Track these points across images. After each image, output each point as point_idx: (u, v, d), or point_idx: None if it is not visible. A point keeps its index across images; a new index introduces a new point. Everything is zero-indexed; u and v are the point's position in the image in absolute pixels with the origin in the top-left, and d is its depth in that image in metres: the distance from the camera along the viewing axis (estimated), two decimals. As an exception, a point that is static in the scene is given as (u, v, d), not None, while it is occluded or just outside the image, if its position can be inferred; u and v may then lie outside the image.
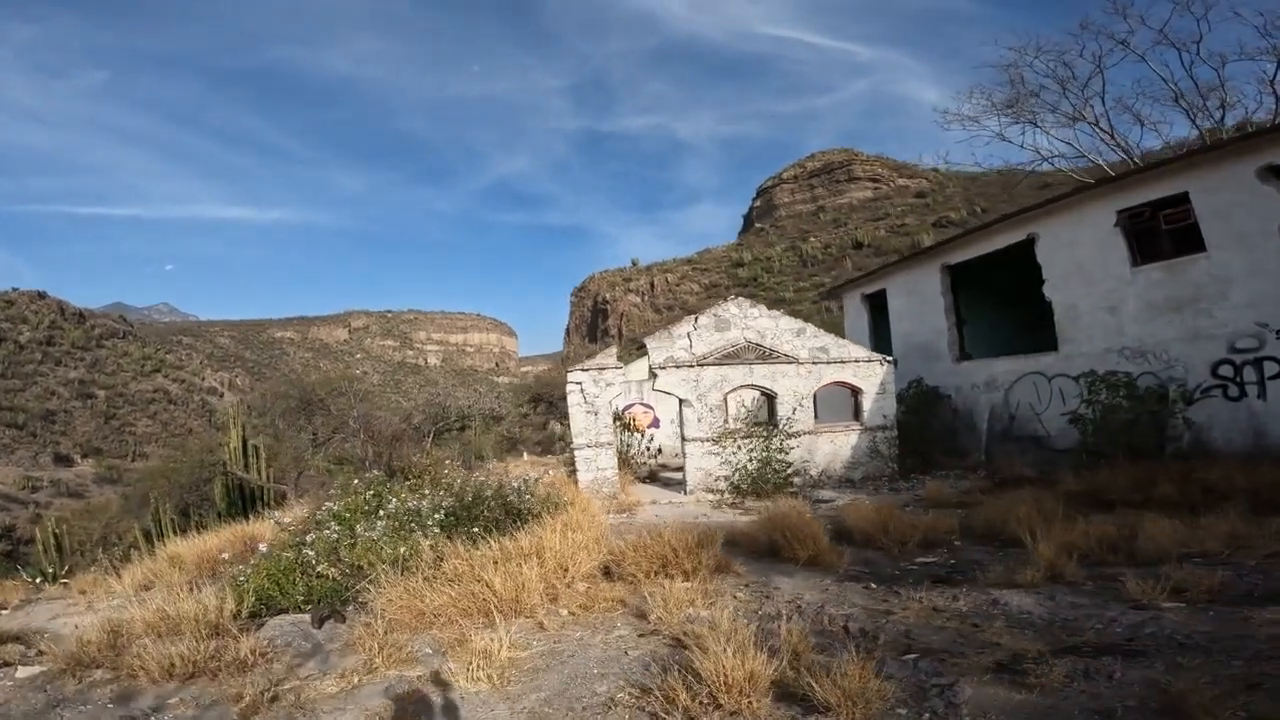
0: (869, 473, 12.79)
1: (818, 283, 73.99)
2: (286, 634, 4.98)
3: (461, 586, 5.19)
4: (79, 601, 8.29)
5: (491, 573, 5.31)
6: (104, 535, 29.77)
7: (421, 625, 4.98)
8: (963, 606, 4.79)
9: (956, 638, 4.19)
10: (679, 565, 6.15)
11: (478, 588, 5.18)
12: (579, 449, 11.89)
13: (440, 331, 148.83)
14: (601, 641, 4.66)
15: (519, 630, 4.87)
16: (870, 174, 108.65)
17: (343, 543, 6.33)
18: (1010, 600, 4.81)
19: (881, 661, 3.70)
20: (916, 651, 3.98)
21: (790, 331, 12.73)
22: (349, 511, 7.45)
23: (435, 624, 4.96)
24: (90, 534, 29.28)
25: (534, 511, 7.65)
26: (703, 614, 5.23)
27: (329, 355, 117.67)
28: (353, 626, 5.08)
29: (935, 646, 4.03)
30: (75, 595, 9.03)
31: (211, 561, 8.59)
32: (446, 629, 4.88)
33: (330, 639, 5.01)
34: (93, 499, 55.30)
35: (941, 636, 4.24)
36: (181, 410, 78.63)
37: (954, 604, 4.85)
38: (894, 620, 4.63)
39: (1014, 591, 5.01)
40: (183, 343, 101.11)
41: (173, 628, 5.07)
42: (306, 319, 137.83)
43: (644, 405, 19.57)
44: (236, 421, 20.17)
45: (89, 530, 30.15)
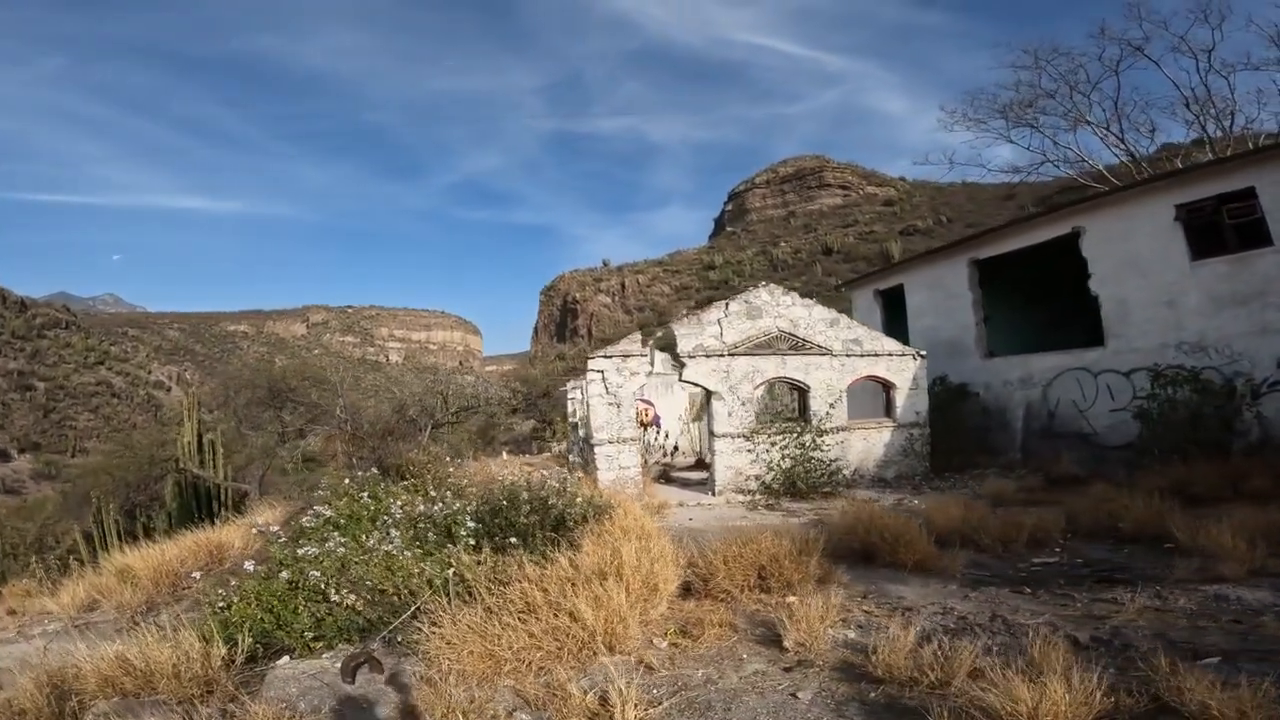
0: (902, 471, 12.07)
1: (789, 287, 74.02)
2: (306, 689, 3.65)
3: (541, 618, 3.98)
4: (7, 625, 6.93)
5: (573, 597, 4.19)
6: (39, 537, 27.20)
7: (494, 672, 3.72)
8: (1187, 604, 4.00)
9: (1232, 637, 3.40)
10: (780, 576, 5.19)
11: (560, 619, 4.00)
12: (599, 445, 10.82)
13: (403, 328, 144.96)
14: (741, 682, 3.63)
15: (618, 671, 3.83)
16: (840, 181, 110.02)
17: (351, 558, 5.00)
18: (1240, 595, 4.05)
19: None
20: (1211, 656, 3.16)
21: (824, 322, 11.92)
22: (347, 517, 6.22)
23: (513, 670, 3.74)
24: (24, 535, 26.74)
25: (578, 517, 6.54)
26: (849, 634, 4.31)
27: (285, 350, 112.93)
28: (399, 676, 3.78)
29: (1225, 648, 3.22)
30: (3, 615, 7.67)
31: (172, 576, 7.24)
32: (526, 676, 3.67)
33: (373, 698, 3.63)
34: (30, 496, 51.69)
35: (1212, 638, 3.44)
36: (125, 404, 74.15)
37: (1174, 603, 4.05)
38: (1115, 625, 3.82)
39: (1229, 586, 4.26)
40: (129, 334, 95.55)
41: (143, 682, 3.70)
42: (262, 313, 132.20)
43: (644, 401, 18.60)
44: (191, 413, 18.45)
45: (22, 532, 27.57)
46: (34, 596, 8.96)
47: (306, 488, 14.24)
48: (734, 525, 8.53)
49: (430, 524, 6.16)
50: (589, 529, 6.12)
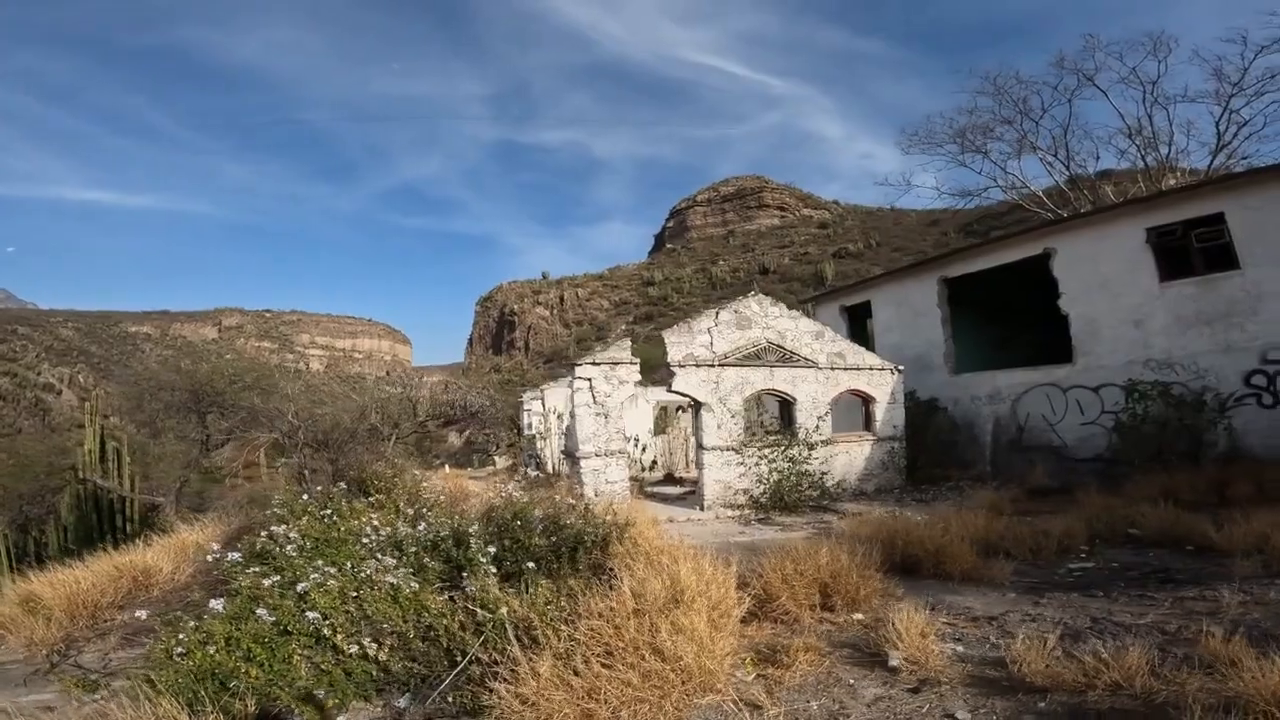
0: (882, 484, 12.11)
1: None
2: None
3: (626, 661, 3.34)
4: None
5: (652, 633, 3.61)
6: None
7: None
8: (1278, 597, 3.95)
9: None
10: (845, 593, 4.85)
11: (647, 660, 3.37)
12: (585, 458, 10.26)
13: (326, 335, 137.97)
14: (873, 711, 3.23)
15: (723, 715, 3.36)
16: (779, 202, 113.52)
17: (349, 592, 4.03)
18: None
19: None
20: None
21: (809, 334, 11.86)
22: (316, 540, 5.24)
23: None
24: None
25: (597, 538, 5.90)
26: (956, 648, 4.02)
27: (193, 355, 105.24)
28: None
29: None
30: None
31: (90, 607, 6.14)
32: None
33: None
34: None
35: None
36: (11, 407, 66.84)
37: (1265, 596, 4.01)
38: (1232, 618, 3.75)
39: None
40: (18, 332, 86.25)
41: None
42: (169, 314, 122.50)
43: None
44: (94, 418, 16.56)
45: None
46: None
47: (247, 503, 12.86)
48: (735, 542, 8.19)
49: (420, 547, 5.29)
50: (615, 550, 5.61)
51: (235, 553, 4.83)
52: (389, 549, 4.99)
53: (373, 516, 6.07)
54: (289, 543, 5.02)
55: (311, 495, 6.70)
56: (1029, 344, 15.02)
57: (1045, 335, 14.82)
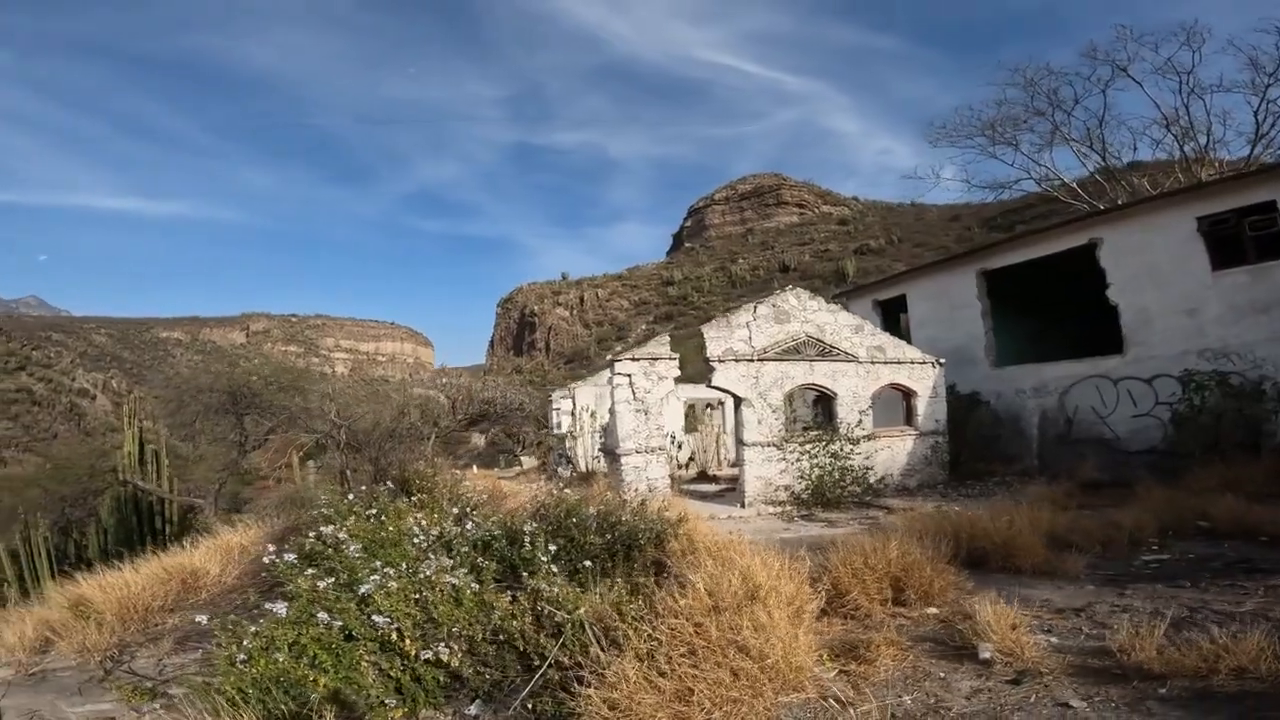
0: (925, 480, 11.91)
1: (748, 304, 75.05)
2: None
3: (712, 659, 3.24)
4: None
5: (733, 631, 3.44)
6: None
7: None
8: None
9: None
10: (919, 587, 4.74)
11: (734, 658, 3.28)
12: (625, 455, 10.22)
13: (350, 339, 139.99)
14: (975, 703, 3.16)
15: (815, 712, 3.28)
16: (797, 199, 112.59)
17: (411, 594, 3.81)
18: None
19: None
20: None
21: (849, 328, 11.70)
22: (369, 540, 5.04)
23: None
24: None
25: (651, 535, 5.78)
26: (1049, 639, 3.92)
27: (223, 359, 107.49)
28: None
29: None
30: None
31: (141, 611, 5.99)
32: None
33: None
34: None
35: None
36: (47, 412, 68.69)
37: None
38: None
39: None
40: (52, 339, 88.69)
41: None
42: (198, 319, 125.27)
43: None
44: (133, 421, 16.81)
45: (-68, 549, 24.73)
46: None
47: (286, 504, 12.94)
48: (782, 538, 8.06)
49: (471, 546, 5.04)
50: (672, 548, 5.53)
51: (289, 554, 4.64)
52: (439, 549, 4.87)
53: (418, 516, 5.93)
54: (341, 544, 4.80)
55: (356, 495, 6.64)
56: (1068, 336, 14.73)
57: (1083, 327, 14.54)
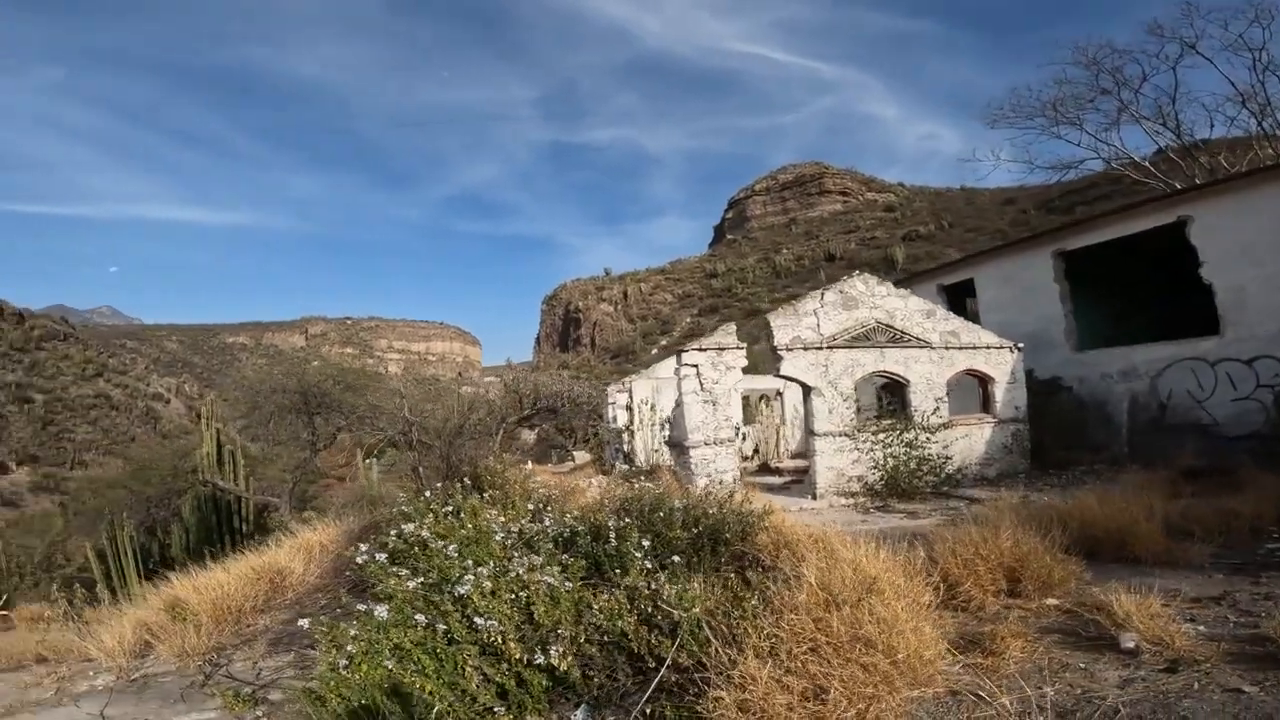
0: (1004, 469, 11.44)
1: (793, 294, 73.93)
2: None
3: (838, 656, 3.08)
4: (39, 676, 5.26)
5: (857, 623, 3.36)
6: (48, 555, 25.95)
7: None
8: None
9: None
10: (1036, 577, 4.52)
11: (863, 654, 3.10)
12: (694, 447, 10.12)
13: (402, 340, 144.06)
14: (1130, 691, 2.95)
15: (941, 708, 3.13)
16: (840, 187, 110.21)
17: (502, 593, 3.59)
18: None
19: None
20: None
21: (920, 313, 11.31)
22: (462, 540, 4.65)
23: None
24: (31, 554, 25.46)
25: (740, 528, 5.61)
26: (1197, 628, 3.69)
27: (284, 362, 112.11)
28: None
29: None
30: (32, 665, 5.94)
31: (234, 612, 5.93)
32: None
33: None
34: (28, 509, 50.43)
35: None
36: (124, 417, 72.65)
37: None
38: None
39: None
40: (127, 346, 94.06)
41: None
42: (261, 324, 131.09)
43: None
44: (210, 423, 17.47)
45: (28, 549, 26.29)
46: (57, 627, 7.54)
47: (358, 501, 13.24)
48: (861, 530, 7.82)
49: (553, 543, 5.01)
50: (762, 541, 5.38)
51: (379, 554, 4.32)
52: (520, 546, 4.61)
53: (495, 513, 5.98)
54: (425, 542, 4.61)
55: (431, 492, 6.57)
56: (1151, 317, 13.98)
57: (1167, 307, 13.77)
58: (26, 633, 8.75)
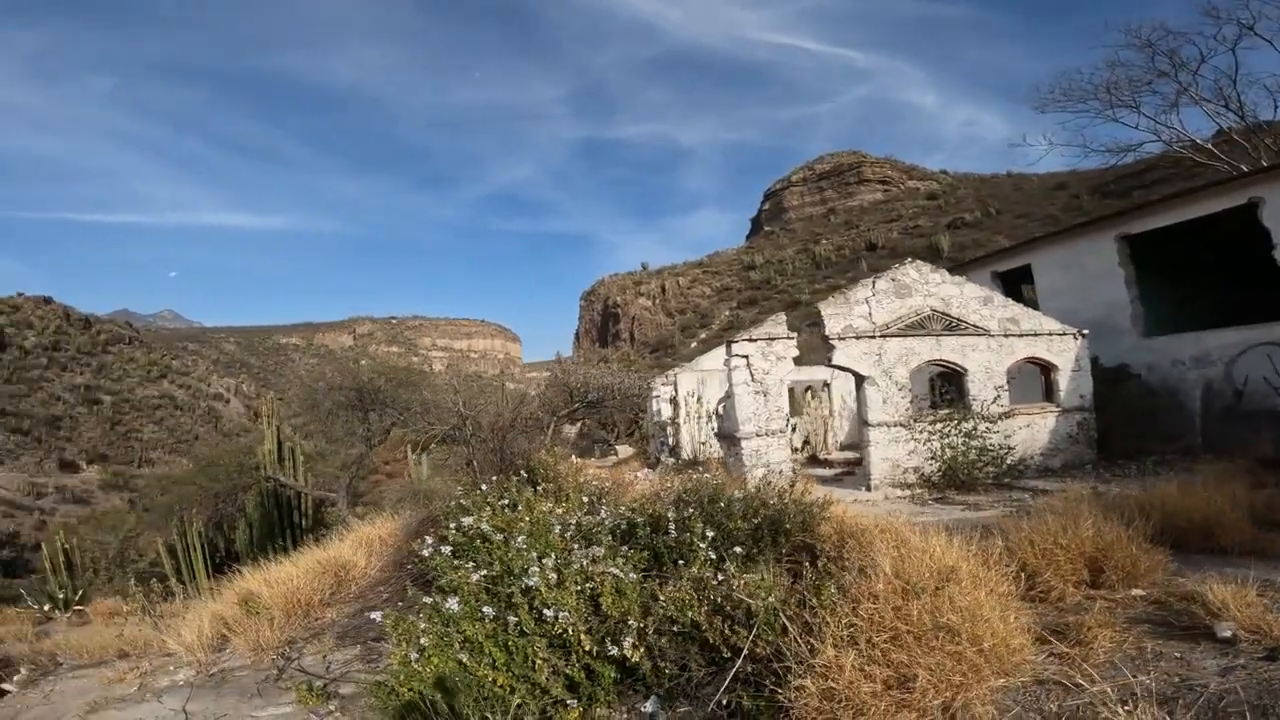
0: (1069, 460, 11.07)
1: (834, 285, 72.57)
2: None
3: (927, 645, 3.02)
4: (122, 672, 5.31)
5: (937, 611, 3.19)
6: (121, 551, 27.08)
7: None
8: None
9: None
10: (1120, 567, 4.38)
11: (943, 642, 3.04)
12: (745, 439, 10.08)
13: (445, 338, 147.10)
14: (1233, 680, 2.87)
15: (1028, 696, 3.06)
16: (880, 176, 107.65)
17: (569, 585, 3.57)
18: None
19: None
20: None
21: (976, 299, 11.02)
22: (528, 533, 4.62)
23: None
24: (105, 549, 26.58)
25: (800, 519, 5.55)
26: None
27: (334, 362, 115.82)
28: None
29: None
30: (114, 660, 6.03)
31: (304, 606, 6.02)
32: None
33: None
34: (98, 505, 53.24)
35: None
36: (188, 416, 76.27)
37: None
38: None
39: None
40: (188, 349, 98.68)
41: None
42: (312, 325, 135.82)
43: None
44: (271, 421, 18.04)
45: (103, 545, 27.49)
46: (134, 622, 7.74)
47: (413, 496, 13.50)
48: (920, 522, 7.66)
49: (611, 535, 4.80)
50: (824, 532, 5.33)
51: (444, 547, 4.35)
52: (578, 539, 4.69)
53: (552, 506, 5.96)
54: (486, 535, 4.62)
55: (488, 486, 6.57)
56: (1220, 301, 13.34)
57: (1236, 291, 13.14)
58: (103, 627, 9.02)
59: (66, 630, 10.39)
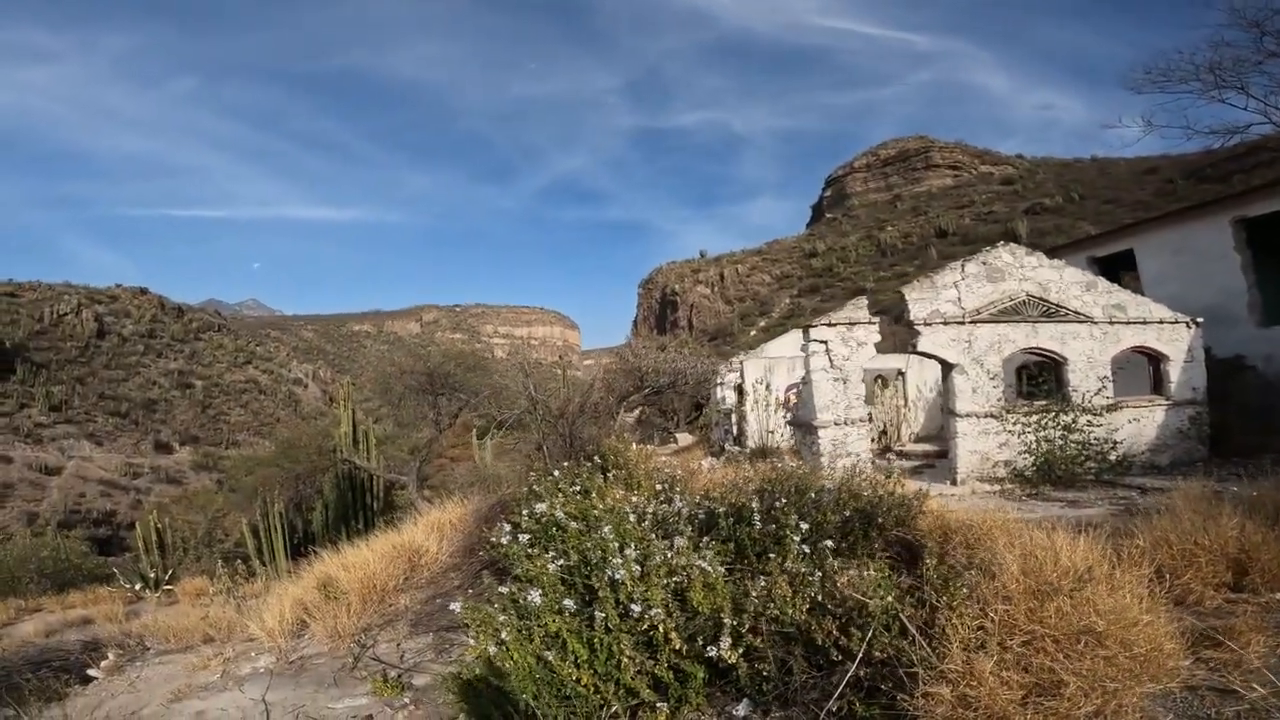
0: (1178, 456, 10.27)
1: (900, 272, 69.84)
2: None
3: (1075, 649, 2.77)
4: (206, 658, 5.29)
5: (1082, 612, 2.92)
6: (209, 531, 28.67)
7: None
8: None
9: None
10: (1265, 570, 3.99)
11: (1091, 647, 2.79)
12: (823, 427, 9.78)
13: (506, 325, 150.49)
14: None
15: (1173, 704, 2.77)
16: (950, 161, 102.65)
17: (655, 579, 3.34)
18: None
19: None
20: None
21: (1078, 285, 10.30)
22: (611, 520, 4.32)
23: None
24: (194, 529, 28.11)
25: (890, 512, 5.26)
26: None
27: (403, 348, 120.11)
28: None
29: None
30: (199, 645, 6.07)
31: (379, 592, 5.99)
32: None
33: None
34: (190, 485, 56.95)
35: None
36: (270, 400, 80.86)
37: None
38: None
39: None
40: (270, 336, 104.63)
41: None
42: (381, 313, 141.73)
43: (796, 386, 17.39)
44: (347, 404, 18.62)
45: (192, 525, 29.10)
46: (219, 603, 7.92)
47: (489, 480, 13.49)
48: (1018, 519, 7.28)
49: (691, 526, 4.57)
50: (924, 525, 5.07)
51: (522, 535, 4.32)
52: (656, 529, 4.49)
53: (625, 494, 5.61)
54: (562, 522, 4.46)
55: (561, 472, 6.17)
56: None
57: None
58: (190, 607, 9.39)
59: (155, 610, 10.92)
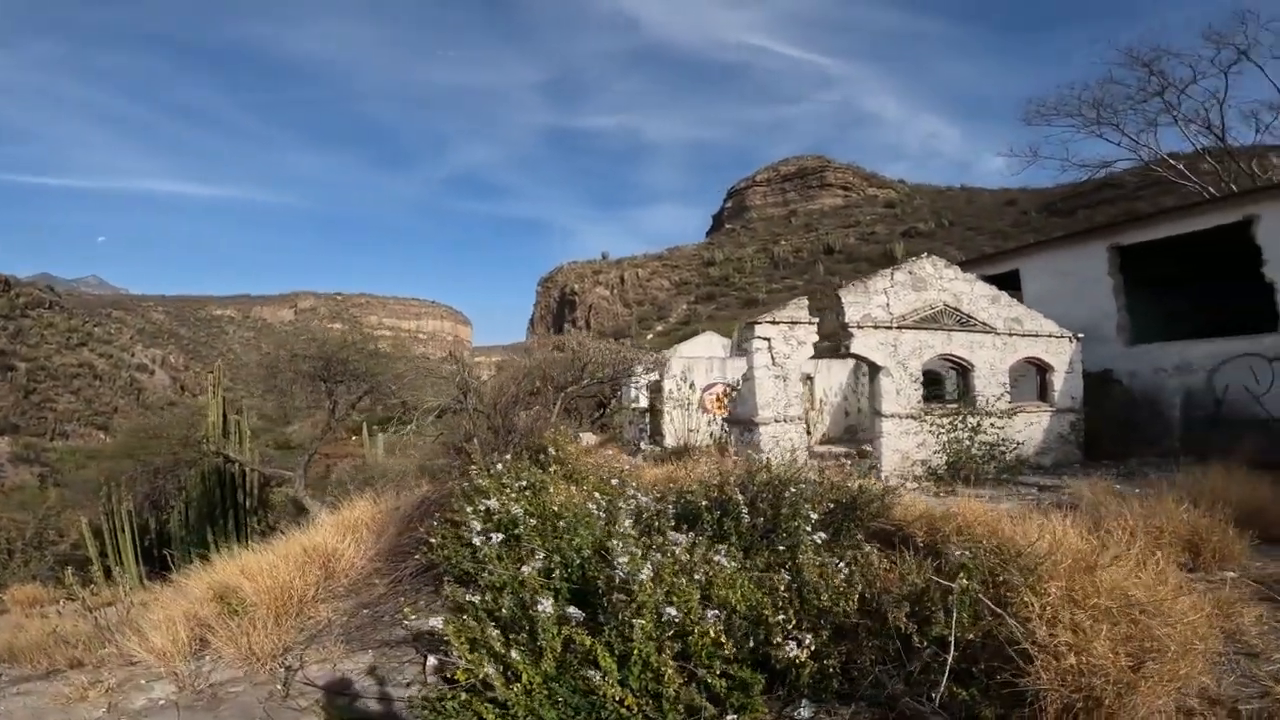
0: (1059, 459, 11.45)
1: (790, 285, 73.97)
2: None
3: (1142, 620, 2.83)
4: (80, 687, 3.90)
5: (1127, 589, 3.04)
6: (39, 531, 24.95)
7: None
8: None
9: None
10: (1214, 549, 4.44)
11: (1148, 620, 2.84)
12: (763, 424, 9.96)
13: (392, 317, 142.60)
14: None
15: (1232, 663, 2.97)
16: (842, 181, 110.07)
17: (672, 577, 3.08)
18: None
19: None
20: None
21: (985, 298, 11.22)
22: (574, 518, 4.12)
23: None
24: (20, 529, 24.39)
25: (868, 504, 5.43)
26: None
27: (272, 336, 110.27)
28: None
29: None
30: (64, 670, 4.62)
31: (296, 604, 4.96)
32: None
33: None
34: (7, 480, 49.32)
35: None
36: (108, 387, 71.29)
37: None
38: None
39: None
40: (112, 316, 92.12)
41: None
42: (249, 298, 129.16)
43: (727, 385, 17.76)
44: (217, 391, 16.80)
45: (18, 524, 25.24)
46: (68, 614, 6.53)
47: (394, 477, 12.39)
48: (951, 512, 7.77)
49: (664, 522, 4.30)
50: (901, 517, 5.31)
51: (496, 534, 3.71)
52: (636, 525, 4.07)
53: (573, 489, 5.28)
54: (516, 519, 4.08)
55: (505, 466, 5.64)
56: (1205, 313, 14.09)
57: (1219, 302, 13.97)
58: (24, 619, 8.08)
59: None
